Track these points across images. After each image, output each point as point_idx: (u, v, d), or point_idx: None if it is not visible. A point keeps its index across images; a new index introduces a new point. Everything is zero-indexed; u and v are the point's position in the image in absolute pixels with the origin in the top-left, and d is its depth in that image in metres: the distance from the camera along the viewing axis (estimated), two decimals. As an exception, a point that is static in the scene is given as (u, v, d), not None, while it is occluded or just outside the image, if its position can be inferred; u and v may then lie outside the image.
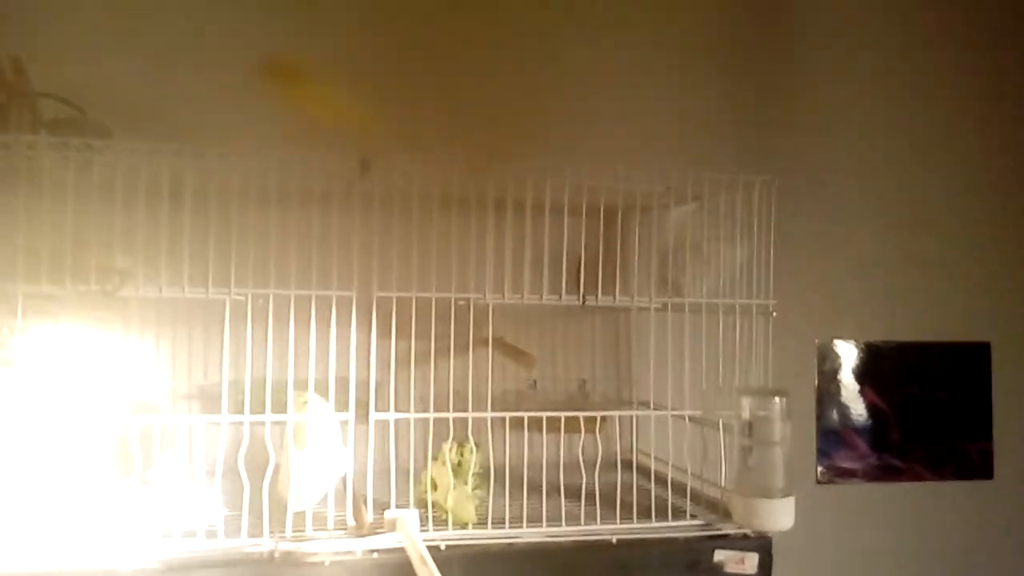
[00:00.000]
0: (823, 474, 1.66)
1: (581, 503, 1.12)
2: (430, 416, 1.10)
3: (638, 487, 1.14)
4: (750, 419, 1.13)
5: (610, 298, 1.16)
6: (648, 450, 1.44)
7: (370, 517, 1.07)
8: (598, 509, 1.12)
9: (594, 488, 1.10)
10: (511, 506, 1.13)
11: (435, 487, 1.12)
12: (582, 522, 1.12)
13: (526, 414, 1.15)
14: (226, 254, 1.05)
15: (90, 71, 1.33)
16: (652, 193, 1.32)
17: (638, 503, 1.14)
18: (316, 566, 1.01)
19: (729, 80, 1.64)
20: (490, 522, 1.09)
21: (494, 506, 1.09)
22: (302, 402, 1.08)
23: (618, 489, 1.17)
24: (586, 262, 1.16)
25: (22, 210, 1.13)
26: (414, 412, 1.10)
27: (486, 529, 1.08)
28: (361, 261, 1.07)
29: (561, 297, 1.14)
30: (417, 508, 1.08)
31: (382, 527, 1.05)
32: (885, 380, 1.71)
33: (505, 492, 1.18)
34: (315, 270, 1.07)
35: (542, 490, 1.11)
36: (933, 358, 1.73)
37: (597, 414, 1.19)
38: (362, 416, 1.08)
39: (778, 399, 1.13)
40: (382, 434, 1.08)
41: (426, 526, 1.07)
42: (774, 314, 1.18)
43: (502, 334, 1.39)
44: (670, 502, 1.23)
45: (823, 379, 1.68)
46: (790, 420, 1.15)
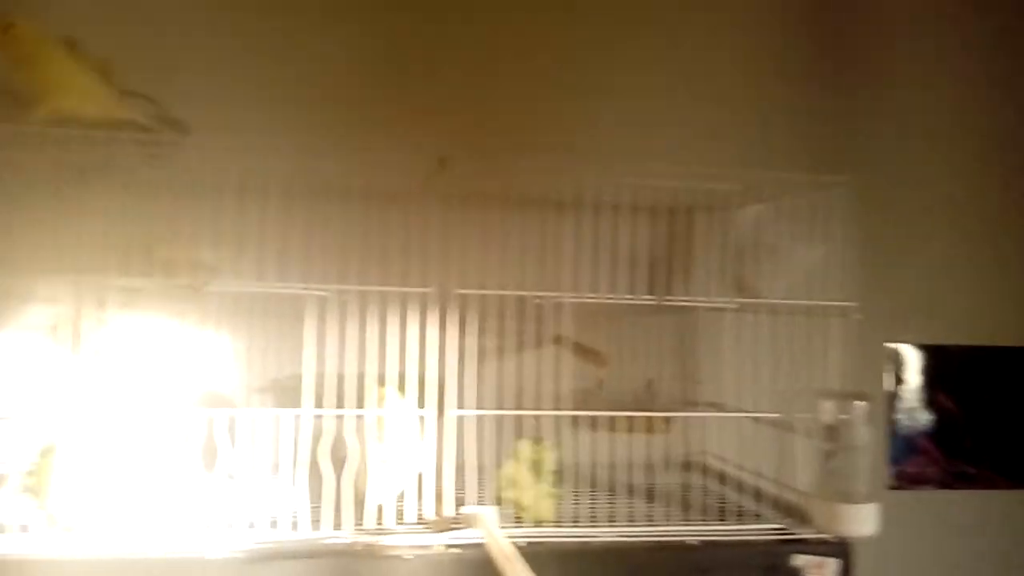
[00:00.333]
0: (894, 480, 1.63)
1: (652, 504, 1.12)
2: (507, 413, 1.10)
3: (709, 489, 1.13)
4: (832, 422, 1.11)
5: (689, 298, 1.14)
6: (715, 452, 1.42)
7: (448, 512, 1.08)
8: (672, 511, 1.12)
9: (664, 489, 1.10)
10: (585, 505, 1.13)
11: (512, 484, 1.12)
12: (656, 523, 1.11)
13: (605, 413, 1.15)
14: (310, 250, 1.06)
15: (171, 70, 1.35)
16: (723, 192, 1.31)
17: (711, 505, 1.13)
18: (396, 559, 1.02)
19: (802, 77, 1.61)
20: (568, 521, 1.08)
21: (568, 504, 1.09)
22: (381, 397, 1.09)
23: (689, 491, 1.16)
24: (661, 261, 1.16)
25: (109, 205, 1.16)
26: (491, 409, 1.10)
27: (564, 527, 1.08)
28: (440, 258, 1.08)
29: (638, 297, 1.13)
30: (495, 505, 1.08)
31: (461, 523, 1.06)
32: (957, 385, 1.67)
33: (577, 491, 1.18)
34: (395, 267, 1.08)
35: (613, 489, 1.11)
36: (1007, 363, 1.69)
37: (677, 415, 1.19)
38: (440, 412, 1.09)
39: (860, 403, 1.10)
40: (459, 430, 1.09)
41: (504, 523, 1.07)
42: (855, 317, 1.16)
43: (568, 332, 1.39)
44: (743, 505, 1.21)
45: (893, 383, 1.64)
46: (871, 424, 1.13)
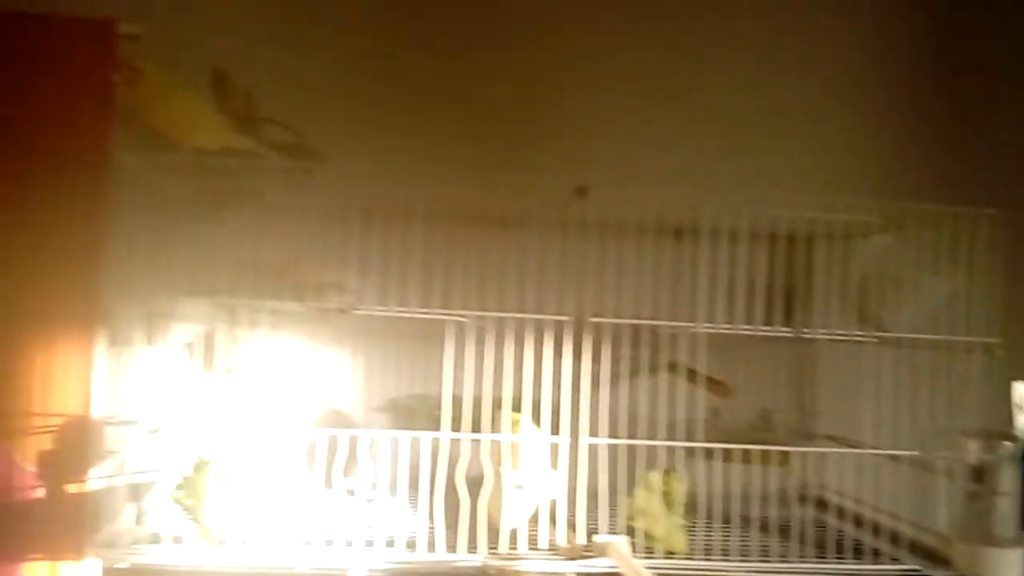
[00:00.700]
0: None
1: (778, 539, 1.10)
2: (640, 443, 1.10)
3: (828, 525, 1.12)
4: (977, 463, 1.07)
5: (827, 331, 1.13)
6: (834, 486, 1.39)
7: (580, 540, 1.08)
8: (806, 547, 1.10)
9: (783, 523, 1.08)
10: (715, 538, 1.12)
11: (642, 514, 1.11)
12: (790, 559, 1.09)
13: (740, 446, 1.14)
14: (449, 276, 1.09)
15: (307, 98, 1.41)
16: (849, 222, 1.29)
17: (839, 543, 1.11)
18: (529, 585, 1.02)
19: (933, 102, 1.58)
20: (700, 553, 1.07)
21: (697, 536, 1.08)
22: (515, 422, 1.10)
23: (810, 526, 1.14)
24: (781, 290, 1.14)
25: (247, 230, 1.21)
26: (623, 438, 1.10)
27: (697, 560, 1.07)
28: (576, 286, 1.09)
29: (776, 328, 1.12)
30: (624, 534, 1.08)
31: (593, 551, 1.06)
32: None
33: (694, 521, 1.17)
34: (532, 294, 1.09)
35: (728, 521, 1.10)
36: None
37: (810, 450, 1.16)
38: (573, 439, 1.10)
39: (1007, 443, 1.07)
40: (591, 458, 1.09)
41: (635, 553, 1.07)
42: (999, 354, 1.12)
43: (685, 361, 1.38)
44: (866, 543, 1.19)
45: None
46: (1017, 465, 1.09)
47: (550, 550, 1.08)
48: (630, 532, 1.10)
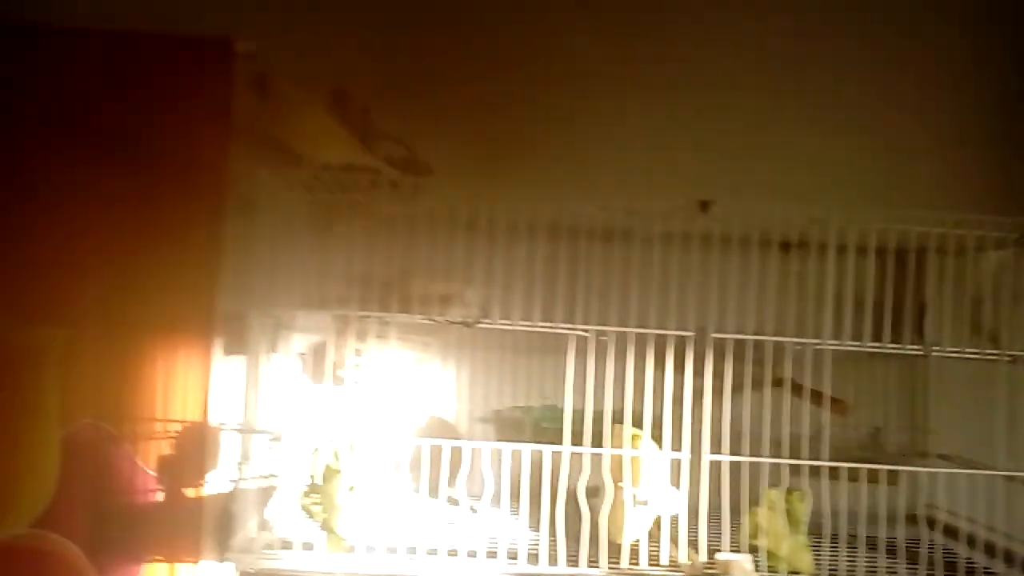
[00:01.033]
0: None
1: (897, 559, 1.08)
2: (764, 461, 1.09)
3: (942, 546, 1.09)
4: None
5: (958, 350, 1.10)
6: (945, 505, 1.35)
7: (702, 558, 1.07)
8: (917, 567, 1.07)
9: (897, 543, 1.06)
10: (838, 558, 1.10)
11: (764, 533, 1.10)
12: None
13: (864, 466, 1.11)
14: (572, 290, 1.09)
15: (418, 113, 1.43)
16: (964, 236, 1.25)
17: (952, 563, 1.08)
18: (652, 601, 1.02)
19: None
20: (825, 574, 1.06)
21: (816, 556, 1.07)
22: (634, 436, 1.10)
23: (926, 546, 1.11)
24: (924, 307, 1.12)
25: (363, 243, 1.23)
26: (746, 456, 1.09)
27: (823, 581, 1.05)
28: (699, 301, 1.09)
29: (904, 347, 1.09)
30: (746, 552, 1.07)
31: (715, 569, 1.05)
32: None
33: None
34: (654, 309, 1.09)
35: (837, 539, 1.08)
36: None
37: (941, 470, 1.13)
38: (695, 456, 1.09)
39: None
40: (712, 475, 1.08)
41: (758, 572, 1.06)
42: None
43: (794, 376, 1.36)
44: (986, 566, 1.15)
45: None
46: None
47: (671, 567, 1.07)
48: (752, 551, 1.09)
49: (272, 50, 1.41)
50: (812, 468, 1.12)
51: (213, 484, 1.42)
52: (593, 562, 1.06)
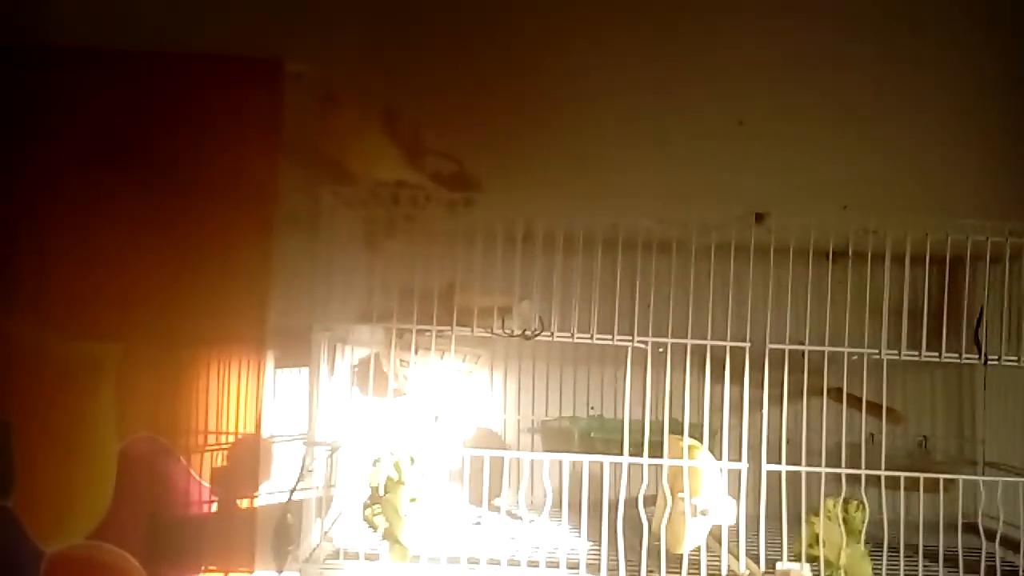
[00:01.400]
0: None
1: (954, 567, 1.08)
2: (824, 471, 1.09)
3: (1009, 560, 1.09)
4: None
5: (1015, 359, 1.10)
6: (995, 514, 1.35)
7: (759, 568, 1.08)
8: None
9: (950, 552, 1.06)
10: (896, 568, 1.10)
11: (821, 543, 1.10)
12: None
13: (923, 475, 1.12)
14: (630, 302, 1.11)
15: (466, 129, 1.46)
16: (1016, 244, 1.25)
17: (1004, 571, 1.09)
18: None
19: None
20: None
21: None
22: (691, 447, 1.11)
23: (980, 555, 1.12)
24: (935, 313, 1.12)
25: (416, 256, 1.25)
26: (804, 466, 1.09)
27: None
28: (756, 313, 1.10)
29: (964, 357, 1.10)
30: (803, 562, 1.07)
31: (775, 579, 1.05)
32: None
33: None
34: (710, 319, 1.11)
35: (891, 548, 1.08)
36: None
37: (993, 479, 1.13)
38: (753, 466, 1.10)
39: None
40: (769, 485, 1.09)
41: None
42: None
43: (844, 386, 1.37)
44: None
45: None
46: None
47: (731, 577, 1.08)
48: (811, 560, 1.09)
49: (324, 70, 1.44)
50: (868, 477, 1.12)
51: (267, 495, 1.44)
52: (652, 572, 1.07)
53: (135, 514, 1.45)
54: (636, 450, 1.11)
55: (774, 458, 1.10)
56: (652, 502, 1.15)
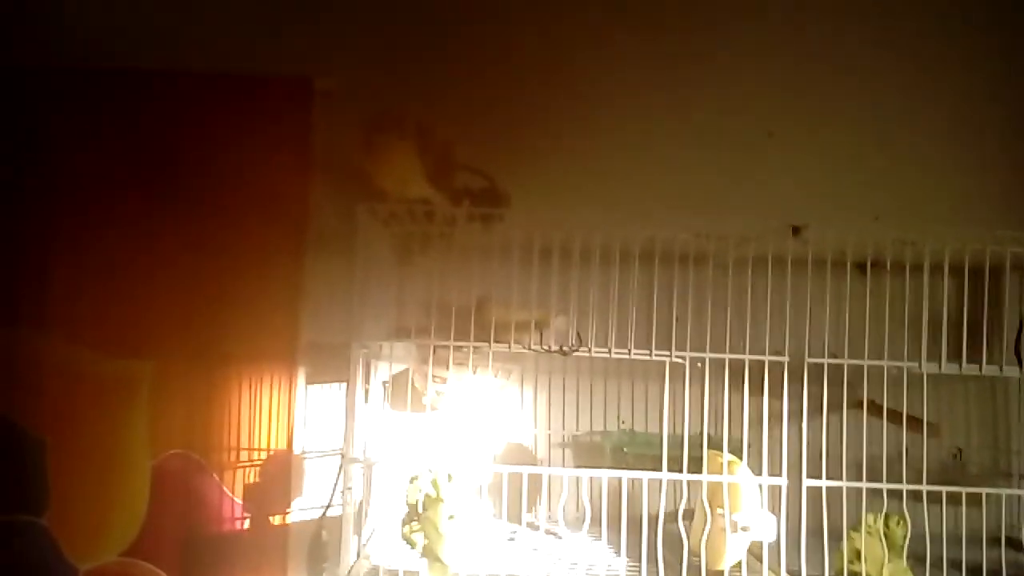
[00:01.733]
0: None
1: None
2: (866, 486, 1.09)
3: None
4: None
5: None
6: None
7: (803, 583, 1.07)
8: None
9: (989, 566, 1.05)
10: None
11: (862, 558, 1.10)
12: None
13: (968, 489, 1.11)
14: (667, 317, 1.11)
15: (498, 144, 1.46)
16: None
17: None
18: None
19: None
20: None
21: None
22: (730, 462, 1.11)
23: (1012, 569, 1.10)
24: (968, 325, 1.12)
25: (447, 272, 1.25)
26: (846, 481, 1.09)
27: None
28: (793, 326, 1.10)
29: (1001, 367, 1.09)
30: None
31: (817, 595, 1.05)
32: None
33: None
34: (748, 334, 1.10)
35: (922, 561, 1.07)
36: None
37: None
38: (792, 481, 1.09)
39: None
40: (810, 501, 1.08)
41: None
42: None
43: (879, 399, 1.36)
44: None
45: None
46: None
47: (772, 593, 1.07)
48: (851, 576, 1.08)
49: (353, 88, 1.45)
50: (909, 492, 1.11)
51: (300, 511, 1.44)
52: (693, 588, 1.06)
53: (169, 531, 1.45)
54: (672, 465, 1.10)
55: (811, 473, 1.09)
56: (688, 517, 1.14)
